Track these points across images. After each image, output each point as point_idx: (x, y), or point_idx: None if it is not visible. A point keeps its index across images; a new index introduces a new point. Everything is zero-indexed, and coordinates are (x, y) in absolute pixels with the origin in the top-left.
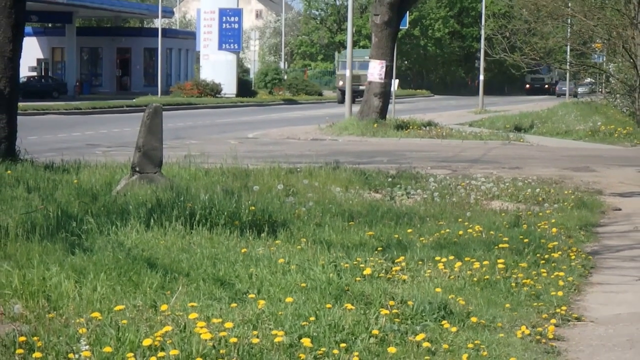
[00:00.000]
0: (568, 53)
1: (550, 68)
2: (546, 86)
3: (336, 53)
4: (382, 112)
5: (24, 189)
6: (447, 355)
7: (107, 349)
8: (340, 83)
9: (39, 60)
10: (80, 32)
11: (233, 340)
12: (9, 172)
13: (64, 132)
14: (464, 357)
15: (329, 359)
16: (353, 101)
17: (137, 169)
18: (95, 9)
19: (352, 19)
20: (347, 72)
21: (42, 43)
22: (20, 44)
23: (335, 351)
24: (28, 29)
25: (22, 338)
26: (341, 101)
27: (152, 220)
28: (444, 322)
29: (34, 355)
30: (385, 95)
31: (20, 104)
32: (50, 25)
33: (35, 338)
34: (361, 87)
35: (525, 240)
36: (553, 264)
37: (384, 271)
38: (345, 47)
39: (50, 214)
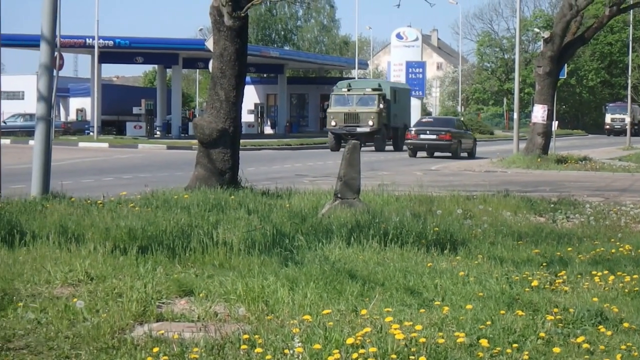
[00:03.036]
0: None
1: None
2: None
3: (334, 87)
4: (545, 148)
5: (245, 211)
6: (603, 355)
7: (317, 346)
8: (333, 123)
9: (255, 105)
10: (290, 81)
11: (422, 340)
12: (232, 197)
13: (277, 164)
14: (618, 357)
15: (503, 357)
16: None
17: (339, 195)
18: (302, 62)
19: (518, 70)
20: (515, 115)
21: (259, 90)
22: (242, 91)
23: (509, 350)
24: (247, 78)
25: (246, 336)
26: (334, 148)
27: (352, 238)
28: (600, 326)
29: (255, 351)
30: (547, 134)
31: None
32: (265, 75)
33: (256, 336)
34: (359, 129)
35: None
36: None
37: (548, 283)
38: (512, 94)
39: (267, 233)
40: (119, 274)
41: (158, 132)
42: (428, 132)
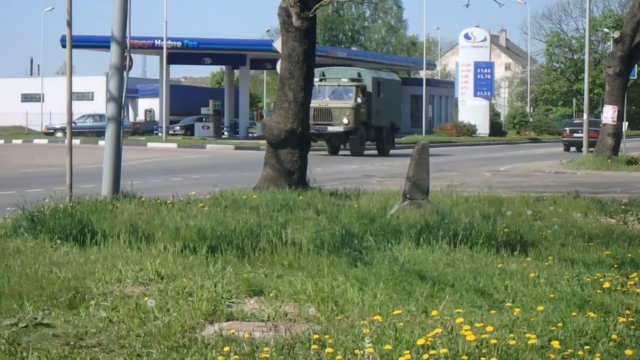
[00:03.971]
0: None
1: None
2: None
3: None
4: (615, 149)
5: (314, 211)
6: None
7: (387, 347)
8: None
9: None
10: None
11: (493, 341)
12: (300, 197)
13: (345, 165)
14: None
15: (575, 359)
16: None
17: (408, 196)
18: (369, 63)
19: (588, 71)
20: (585, 116)
21: None
22: (310, 91)
23: (580, 352)
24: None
25: (316, 336)
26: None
27: (421, 239)
28: None
29: (326, 351)
30: (617, 135)
31: None
32: None
33: (326, 336)
34: (330, 129)
35: None
36: None
37: (620, 285)
38: (582, 95)
39: (336, 233)
40: (189, 273)
41: (225, 133)
42: (580, 131)
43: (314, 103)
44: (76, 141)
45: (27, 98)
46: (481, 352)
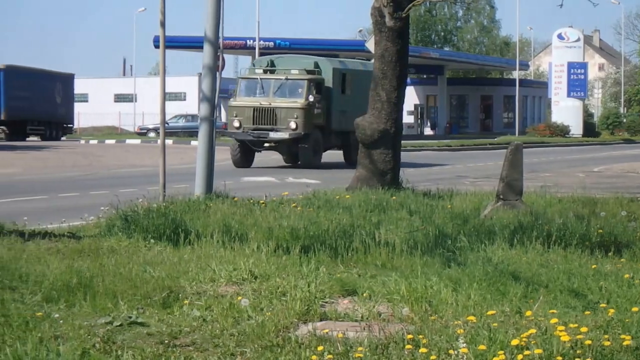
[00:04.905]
0: None
1: None
2: None
3: (249, 67)
4: None
5: (407, 212)
6: None
7: (482, 347)
8: (236, 124)
9: (415, 106)
10: (450, 82)
11: (587, 342)
12: (393, 197)
13: (437, 165)
14: None
15: None
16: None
17: (501, 197)
18: (462, 63)
19: None
20: None
21: (418, 91)
22: (403, 91)
23: None
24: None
25: (410, 336)
26: (239, 162)
27: (514, 240)
28: None
29: (420, 351)
30: None
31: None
32: (425, 76)
33: (420, 336)
34: (273, 135)
35: None
36: None
37: None
38: None
39: (429, 233)
40: (282, 273)
41: None
42: None
43: (253, 102)
44: (168, 141)
45: (120, 98)
46: (576, 353)
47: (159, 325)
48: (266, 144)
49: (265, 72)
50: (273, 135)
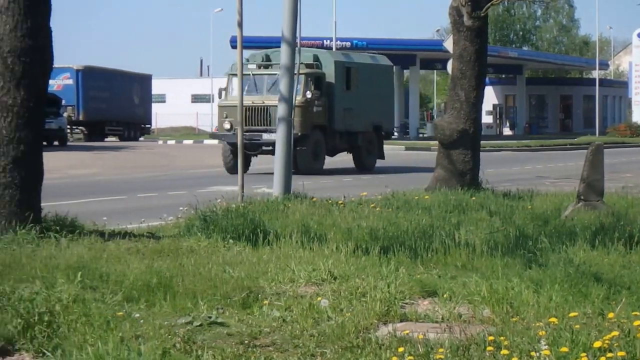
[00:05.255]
0: None
1: None
2: None
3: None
4: None
5: (487, 212)
6: None
7: (564, 349)
8: (227, 126)
9: (494, 106)
10: (529, 82)
11: None
12: (473, 198)
13: (517, 166)
14: None
15: None
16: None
17: (582, 197)
18: (541, 62)
19: None
20: None
21: (497, 91)
22: (482, 91)
23: None
24: (486, 79)
25: (491, 337)
26: (230, 169)
27: (596, 241)
28: None
29: (501, 352)
30: None
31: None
32: (503, 76)
33: (501, 338)
34: (266, 136)
35: None
36: None
37: None
38: None
39: (510, 234)
40: (362, 274)
41: (395, 133)
42: None
43: (246, 100)
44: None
45: (197, 99)
46: None
47: (239, 325)
48: (263, 147)
49: (259, 67)
50: (266, 137)
